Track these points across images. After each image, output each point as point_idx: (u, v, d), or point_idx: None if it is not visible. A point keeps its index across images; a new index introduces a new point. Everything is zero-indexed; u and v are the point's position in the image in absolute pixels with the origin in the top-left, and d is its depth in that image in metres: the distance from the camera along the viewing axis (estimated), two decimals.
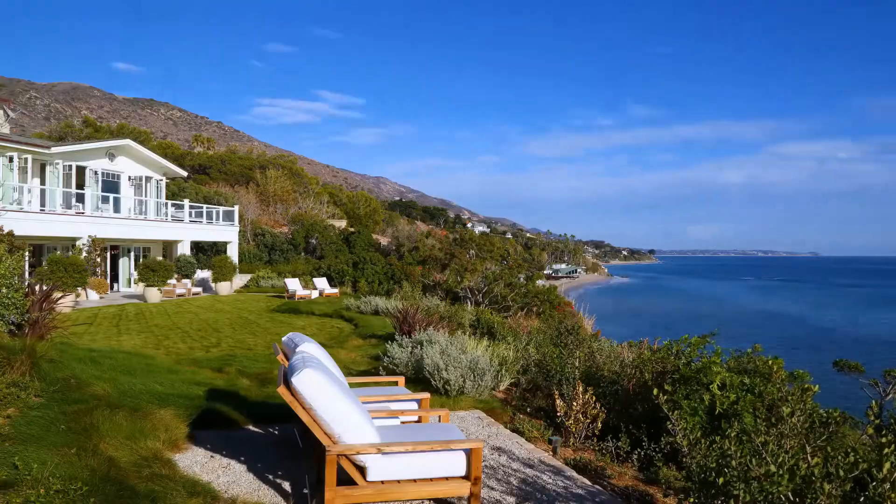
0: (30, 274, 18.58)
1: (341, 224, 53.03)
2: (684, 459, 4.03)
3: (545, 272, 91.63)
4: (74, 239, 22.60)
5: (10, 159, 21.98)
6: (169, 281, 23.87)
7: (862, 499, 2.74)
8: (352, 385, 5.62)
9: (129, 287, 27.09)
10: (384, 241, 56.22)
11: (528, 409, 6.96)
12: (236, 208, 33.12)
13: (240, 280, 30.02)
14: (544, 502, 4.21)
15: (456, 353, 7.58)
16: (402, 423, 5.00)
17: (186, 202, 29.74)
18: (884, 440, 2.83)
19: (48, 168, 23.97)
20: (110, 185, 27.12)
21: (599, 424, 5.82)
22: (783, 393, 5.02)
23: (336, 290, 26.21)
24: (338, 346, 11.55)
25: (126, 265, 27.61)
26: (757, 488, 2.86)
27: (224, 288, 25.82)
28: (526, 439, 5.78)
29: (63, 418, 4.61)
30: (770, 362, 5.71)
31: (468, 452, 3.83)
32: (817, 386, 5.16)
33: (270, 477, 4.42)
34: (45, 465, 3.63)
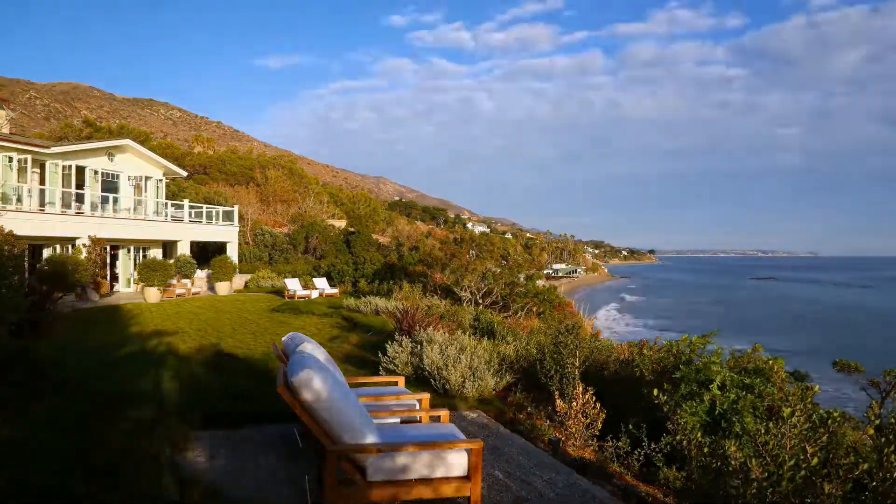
0: (29, 274, 18.56)
1: (341, 224, 53.01)
2: (686, 458, 4.03)
3: (545, 272, 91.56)
4: (74, 239, 22.58)
5: (10, 159, 21.98)
6: (169, 281, 23.87)
7: (862, 498, 2.74)
8: (352, 385, 5.62)
9: (129, 287, 27.05)
10: (384, 241, 56.19)
11: (529, 409, 6.96)
12: (236, 208, 33.10)
13: (240, 280, 29.99)
14: (544, 502, 4.20)
15: (456, 352, 7.58)
16: (402, 422, 5.00)
17: (186, 202, 29.71)
18: (883, 440, 2.83)
19: (48, 168, 23.94)
20: (110, 184, 27.09)
21: (599, 424, 5.82)
22: (783, 393, 5.02)
23: (336, 290, 26.20)
24: (338, 346, 11.56)
25: (126, 265, 27.57)
26: (757, 488, 2.86)
27: (224, 288, 25.80)
28: (526, 439, 5.78)
29: (63, 418, 4.61)
30: (770, 362, 5.71)
31: (468, 453, 3.83)
32: (817, 386, 5.16)
33: (270, 477, 4.42)
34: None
